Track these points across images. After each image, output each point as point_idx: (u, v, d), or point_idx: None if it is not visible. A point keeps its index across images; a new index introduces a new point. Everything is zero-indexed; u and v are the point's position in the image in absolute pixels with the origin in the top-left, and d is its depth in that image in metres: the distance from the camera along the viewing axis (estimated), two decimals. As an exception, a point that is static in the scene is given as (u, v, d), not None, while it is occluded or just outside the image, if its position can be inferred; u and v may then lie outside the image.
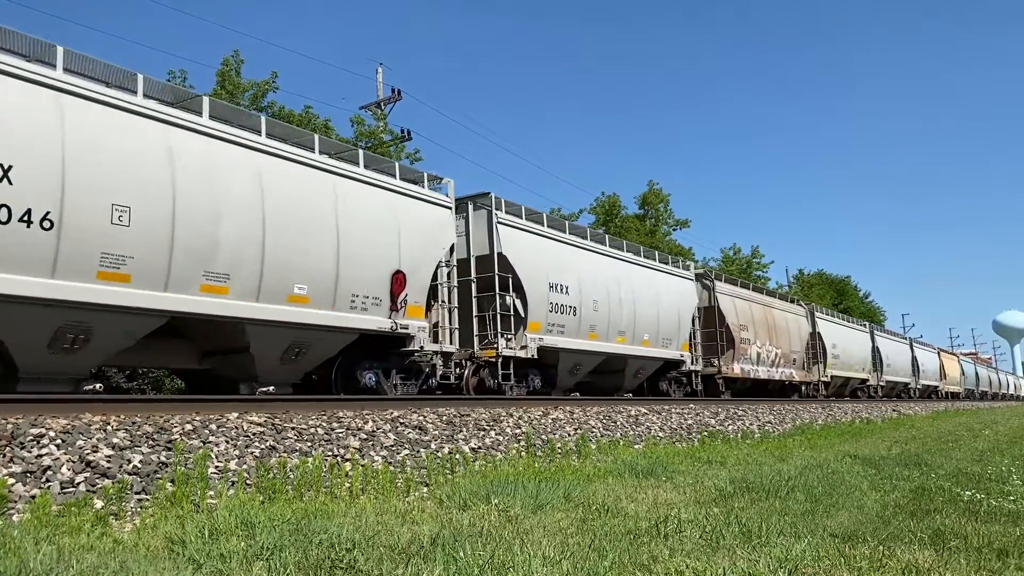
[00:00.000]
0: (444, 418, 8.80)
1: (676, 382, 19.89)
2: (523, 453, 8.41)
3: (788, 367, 25.24)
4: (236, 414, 7.03)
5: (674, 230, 42.38)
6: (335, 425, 7.48)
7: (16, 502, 4.62)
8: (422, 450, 7.52)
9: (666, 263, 19.65)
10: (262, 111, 21.81)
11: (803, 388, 26.98)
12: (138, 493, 5.10)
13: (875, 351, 34.44)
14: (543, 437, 9.30)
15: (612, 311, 16.16)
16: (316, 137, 10.92)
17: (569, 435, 9.80)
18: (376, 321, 11.12)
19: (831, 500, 5.74)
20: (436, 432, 8.21)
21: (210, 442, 6.15)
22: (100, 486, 4.97)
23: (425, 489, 6.30)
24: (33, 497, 4.65)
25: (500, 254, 13.62)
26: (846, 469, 7.82)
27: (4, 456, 5.04)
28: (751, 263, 47.80)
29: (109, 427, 5.83)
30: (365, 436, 7.42)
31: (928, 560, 3.81)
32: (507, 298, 13.57)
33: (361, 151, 11.85)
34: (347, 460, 6.68)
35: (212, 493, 5.28)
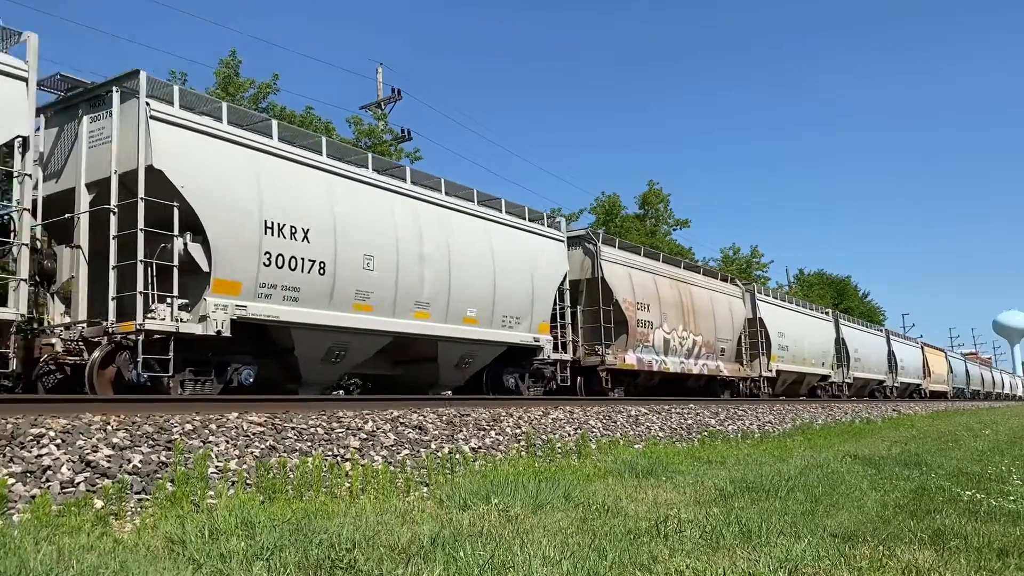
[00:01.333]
0: (444, 418, 8.80)
1: (535, 375, 15.38)
2: (523, 453, 8.41)
3: (713, 359, 20.92)
4: (236, 414, 7.03)
5: (674, 230, 42.45)
6: (335, 425, 7.48)
7: (16, 502, 4.62)
8: (422, 450, 7.52)
9: (522, 216, 15.02)
10: (263, 112, 21.82)
11: (739, 385, 22.97)
12: (138, 493, 5.10)
13: (840, 343, 30.59)
14: (543, 437, 9.30)
15: (405, 273, 11.80)
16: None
17: (569, 435, 9.80)
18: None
19: (831, 500, 5.73)
20: (436, 432, 8.21)
21: (210, 442, 6.15)
22: (100, 486, 4.97)
23: (425, 489, 6.30)
24: (33, 497, 4.65)
25: (150, 166, 8.88)
26: (846, 469, 7.82)
27: (4, 456, 5.04)
28: (751, 263, 47.82)
29: (109, 427, 5.83)
30: (365, 436, 7.42)
31: (928, 560, 3.81)
32: (172, 243, 9.08)
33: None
34: (347, 460, 6.68)
35: (212, 493, 5.28)
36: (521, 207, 15.12)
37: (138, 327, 8.57)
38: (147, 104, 8.97)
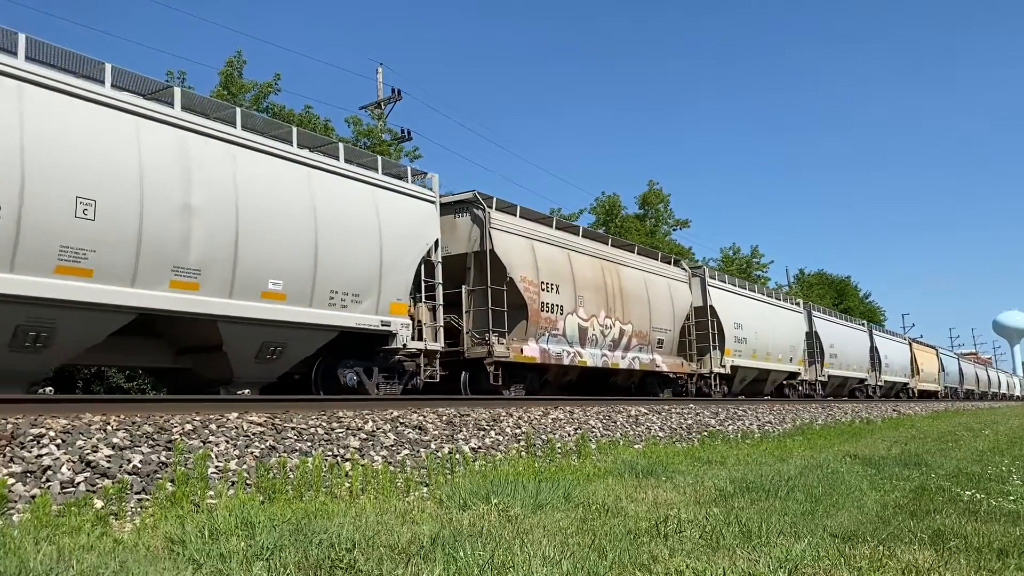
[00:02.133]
0: (444, 418, 8.81)
1: (390, 370, 11.87)
2: (523, 453, 8.41)
3: (648, 351, 18.00)
4: (236, 414, 7.03)
5: (674, 230, 42.42)
6: (335, 425, 7.48)
7: (16, 502, 4.62)
8: (422, 450, 7.52)
9: (372, 168, 11.79)
10: (263, 112, 21.82)
11: (687, 383, 20.09)
12: (138, 493, 5.11)
13: (812, 337, 27.79)
14: (543, 437, 9.31)
15: (154, 226, 8.63)
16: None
17: (569, 435, 9.81)
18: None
19: (831, 500, 5.73)
20: (436, 432, 8.21)
21: (210, 442, 6.15)
22: (100, 486, 4.97)
23: (425, 489, 6.30)
24: (33, 497, 4.65)
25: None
26: (846, 469, 7.82)
27: (4, 456, 5.04)
28: (751, 263, 47.83)
29: (109, 427, 5.83)
30: (365, 436, 7.42)
31: (928, 560, 3.81)
32: None
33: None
34: (347, 460, 6.68)
35: (212, 493, 5.28)
36: (373, 157, 12.05)
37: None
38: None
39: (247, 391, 10.05)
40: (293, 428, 7.03)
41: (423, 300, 12.46)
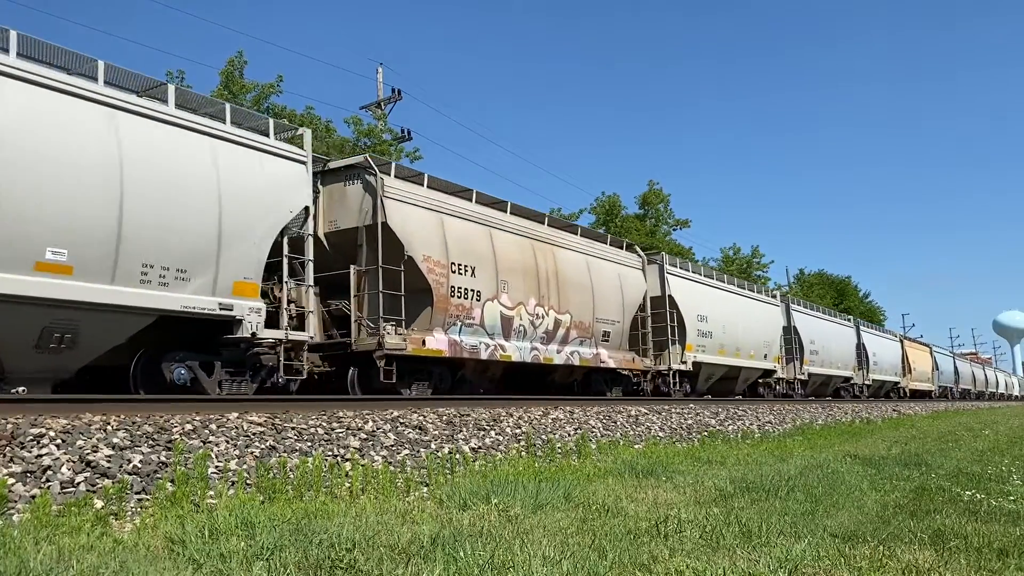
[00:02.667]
0: (444, 418, 8.81)
1: (237, 364, 9.91)
2: (523, 453, 8.41)
3: (590, 345, 15.79)
4: (236, 414, 7.03)
5: (674, 230, 42.44)
6: (335, 425, 7.48)
7: (16, 502, 4.62)
8: (422, 450, 7.52)
9: (219, 117, 9.84)
10: (263, 113, 21.82)
11: (639, 381, 17.76)
12: (138, 493, 5.11)
13: (791, 332, 25.66)
14: (543, 437, 9.31)
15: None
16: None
17: (569, 435, 9.81)
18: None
19: (831, 500, 5.73)
20: (436, 432, 8.21)
21: (210, 442, 6.15)
22: (100, 486, 4.97)
23: (425, 489, 6.30)
24: (33, 497, 4.65)
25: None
26: (846, 469, 7.82)
27: (4, 456, 5.04)
28: (751, 263, 47.84)
29: (109, 427, 5.83)
30: (365, 436, 7.42)
31: (928, 560, 3.81)
32: None
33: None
34: (347, 460, 6.68)
35: (212, 493, 5.28)
36: (220, 105, 10.15)
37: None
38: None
39: (23, 390, 8.13)
40: (293, 428, 7.04)
41: (287, 281, 10.33)
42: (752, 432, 13.67)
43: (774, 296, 26.10)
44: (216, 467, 5.76)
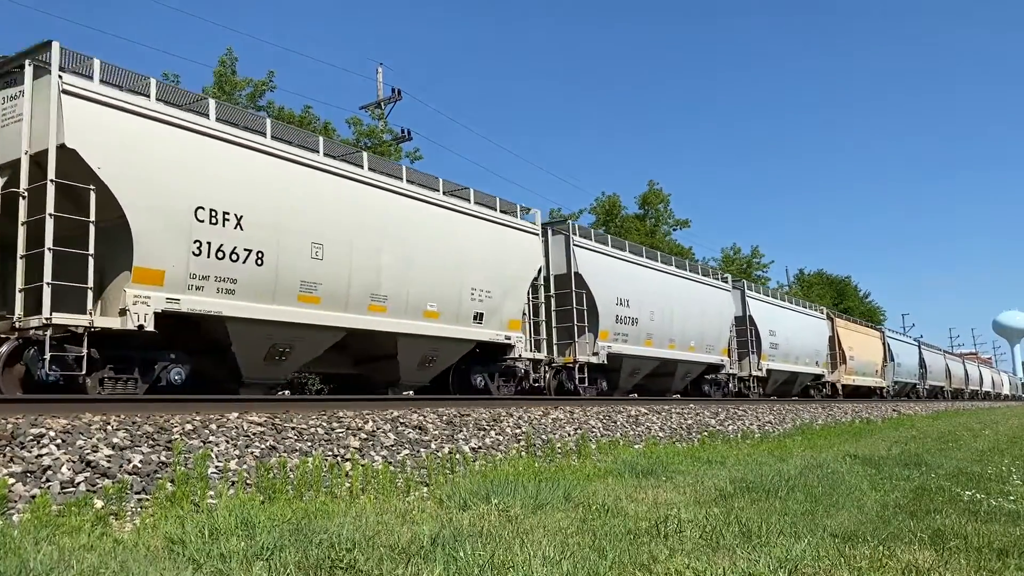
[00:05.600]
0: (444, 418, 8.80)
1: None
2: (523, 453, 8.41)
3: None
4: (236, 414, 7.03)
5: (674, 230, 42.44)
6: (335, 425, 7.48)
7: (16, 502, 4.62)
8: (422, 450, 7.52)
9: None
10: (260, 110, 21.82)
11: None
12: (138, 493, 5.11)
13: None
14: (543, 437, 9.31)
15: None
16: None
17: (569, 435, 9.81)
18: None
19: (831, 500, 5.74)
20: (436, 432, 8.21)
21: (210, 442, 6.15)
22: (100, 486, 4.97)
23: (425, 489, 6.30)
24: (33, 497, 4.65)
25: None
26: (846, 469, 7.82)
27: (4, 456, 5.04)
28: (751, 263, 47.85)
29: (109, 427, 5.83)
30: (365, 436, 7.42)
31: (928, 560, 3.81)
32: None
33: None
34: (347, 460, 6.68)
35: (212, 493, 5.28)
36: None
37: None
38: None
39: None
40: (293, 428, 7.03)
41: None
42: (752, 432, 13.68)
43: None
44: (216, 467, 5.76)
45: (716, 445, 11.03)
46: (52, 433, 5.42)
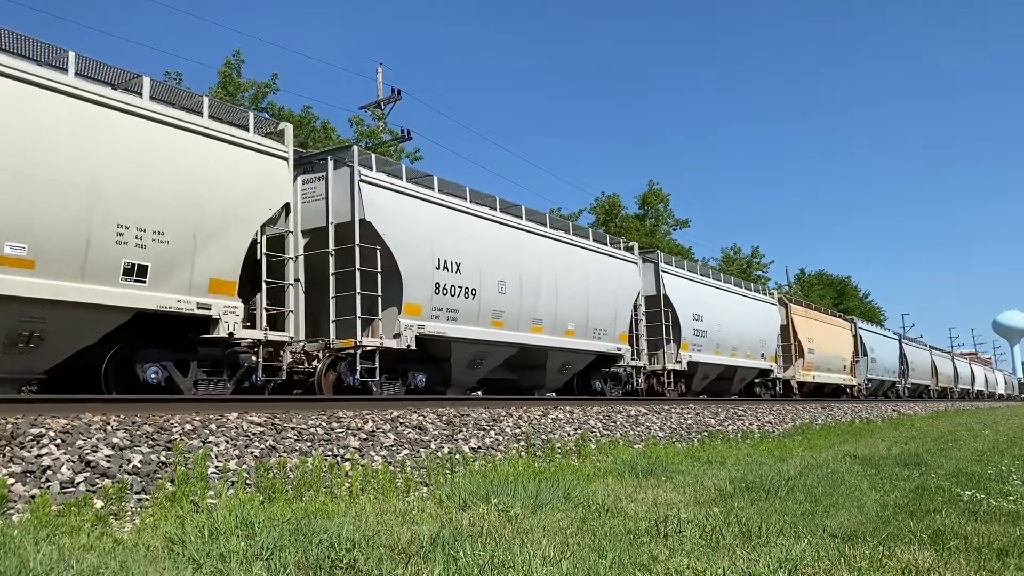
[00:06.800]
0: (444, 418, 8.81)
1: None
2: (523, 453, 8.41)
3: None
4: (236, 414, 7.03)
5: (674, 230, 42.46)
6: (335, 425, 7.48)
7: (16, 502, 4.62)
8: (422, 450, 7.52)
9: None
10: (262, 111, 21.83)
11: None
12: (138, 493, 5.10)
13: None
14: (543, 437, 9.31)
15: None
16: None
17: (569, 435, 9.81)
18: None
19: (831, 500, 5.74)
20: (436, 432, 8.21)
21: (210, 442, 6.15)
22: (100, 486, 4.97)
23: (425, 489, 6.30)
24: (33, 497, 4.65)
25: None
26: (846, 469, 7.82)
27: (4, 456, 5.04)
28: (751, 263, 47.86)
29: (109, 427, 5.83)
30: (365, 436, 7.42)
31: (928, 560, 3.81)
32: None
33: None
34: (347, 460, 6.68)
35: (212, 493, 5.28)
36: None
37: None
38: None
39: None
40: (293, 428, 7.03)
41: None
42: (752, 432, 13.67)
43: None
44: (216, 467, 5.76)
45: (716, 445, 11.03)
46: (52, 433, 5.42)
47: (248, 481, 5.65)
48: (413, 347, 11.63)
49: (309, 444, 6.77)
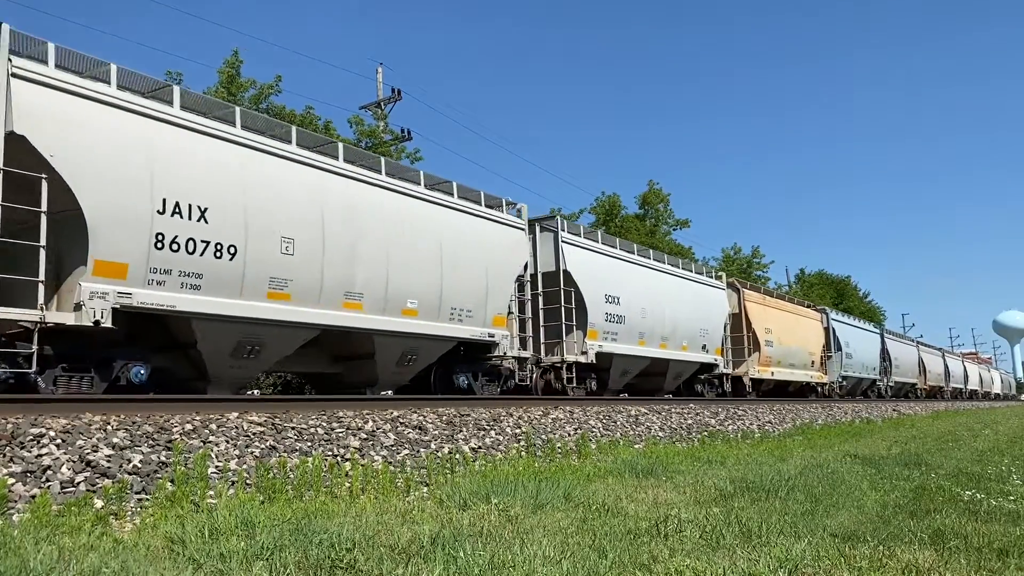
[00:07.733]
0: (444, 418, 8.80)
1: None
2: (523, 453, 8.41)
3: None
4: (236, 414, 7.03)
5: (674, 230, 42.42)
6: (335, 425, 7.48)
7: (16, 502, 4.62)
8: (422, 450, 7.52)
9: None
10: (264, 112, 21.83)
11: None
12: (138, 493, 5.10)
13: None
14: (543, 437, 9.30)
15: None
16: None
17: (569, 435, 9.80)
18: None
19: (831, 500, 5.73)
20: (436, 432, 8.21)
21: (210, 442, 6.15)
22: (100, 486, 4.97)
23: (425, 489, 6.30)
24: (33, 497, 4.65)
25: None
26: (846, 469, 7.82)
27: (4, 456, 5.04)
28: (751, 263, 47.84)
29: (109, 427, 5.83)
30: (365, 436, 7.42)
31: (928, 560, 3.81)
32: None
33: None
34: (347, 460, 6.68)
35: (212, 493, 5.28)
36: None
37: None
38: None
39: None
40: (293, 428, 7.03)
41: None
42: (752, 432, 13.67)
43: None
44: (216, 467, 5.76)
45: (716, 445, 11.03)
46: (52, 433, 5.42)
47: (248, 481, 5.65)
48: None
49: (309, 444, 6.77)
